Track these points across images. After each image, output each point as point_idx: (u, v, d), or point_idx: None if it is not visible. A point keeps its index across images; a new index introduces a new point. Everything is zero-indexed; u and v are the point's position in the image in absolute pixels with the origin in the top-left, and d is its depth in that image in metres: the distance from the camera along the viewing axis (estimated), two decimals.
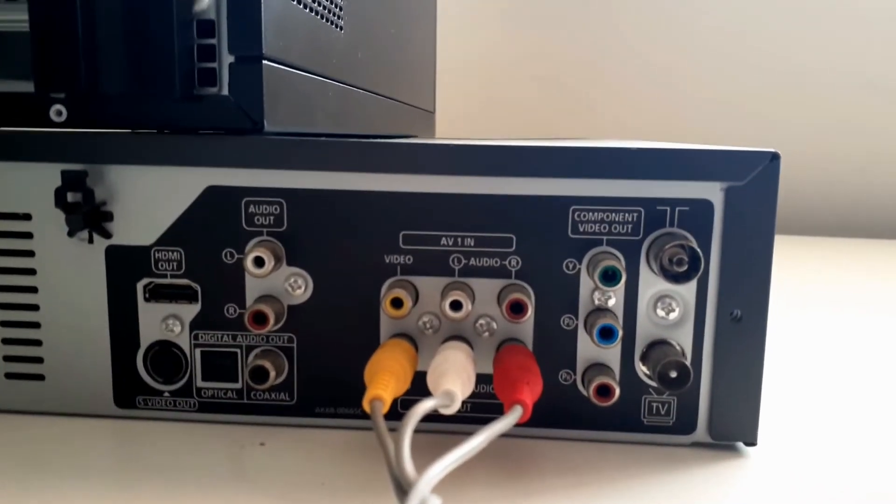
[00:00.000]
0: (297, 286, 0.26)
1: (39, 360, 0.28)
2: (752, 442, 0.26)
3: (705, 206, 0.25)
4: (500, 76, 0.91)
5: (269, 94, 0.26)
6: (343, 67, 0.37)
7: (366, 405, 0.21)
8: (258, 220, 0.26)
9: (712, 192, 0.25)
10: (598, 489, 0.23)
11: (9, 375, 0.28)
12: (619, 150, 0.25)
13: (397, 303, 0.25)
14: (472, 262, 0.26)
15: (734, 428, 0.26)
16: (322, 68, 0.33)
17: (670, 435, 0.26)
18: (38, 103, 0.26)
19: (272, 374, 0.26)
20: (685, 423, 0.26)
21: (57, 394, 0.28)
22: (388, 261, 0.26)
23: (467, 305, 0.25)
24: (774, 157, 0.24)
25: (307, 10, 0.30)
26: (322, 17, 0.33)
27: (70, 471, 0.24)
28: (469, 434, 0.19)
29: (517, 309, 0.25)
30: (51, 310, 0.27)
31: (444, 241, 0.26)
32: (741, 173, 0.25)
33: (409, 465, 0.16)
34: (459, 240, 0.26)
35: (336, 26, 0.35)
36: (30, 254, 0.27)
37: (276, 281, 0.26)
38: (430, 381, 0.22)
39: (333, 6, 0.34)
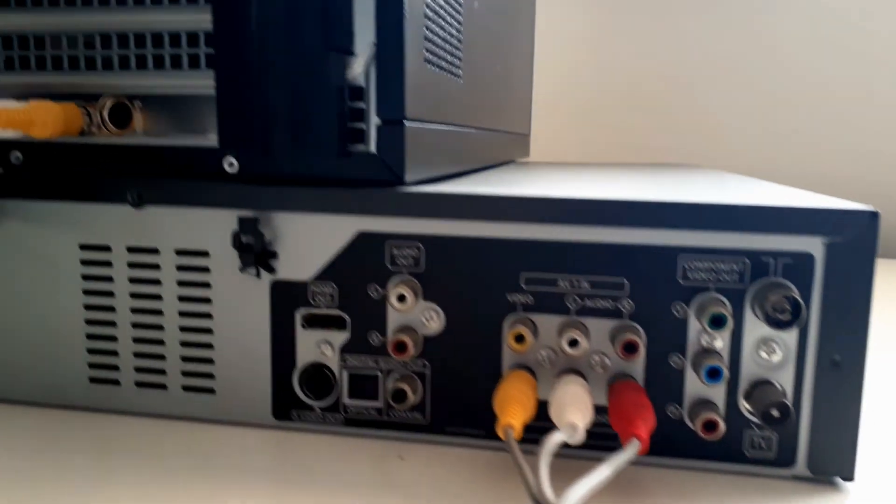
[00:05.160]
0: (431, 319, 0.30)
1: (211, 376, 0.33)
2: (849, 477, 0.28)
3: (807, 259, 0.27)
4: (593, 96, 0.94)
5: (409, 150, 0.30)
6: (460, 112, 0.41)
7: (500, 432, 0.24)
8: (400, 261, 0.30)
9: (814, 245, 0.27)
10: None
11: (185, 388, 0.33)
12: (726, 207, 0.27)
13: (520, 338, 0.28)
14: (587, 303, 0.29)
15: (832, 463, 0.28)
16: (444, 116, 0.37)
17: (771, 468, 0.29)
18: (214, 156, 0.31)
19: (410, 396, 0.30)
20: (785, 457, 0.28)
21: (224, 406, 0.33)
22: (510, 299, 0.29)
23: (584, 343, 0.28)
24: (873, 216, 0.26)
25: (436, 69, 0.34)
26: (446, 71, 0.37)
27: (234, 471, 0.28)
28: (585, 458, 0.22)
29: (630, 349, 0.28)
30: (222, 333, 0.32)
31: (561, 283, 0.29)
32: (841, 229, 0.27)
33: (549, 490, 0.20)
34: (576, 282, 0.29)
35: (456, 76, 0.39)
36: (206, 285, 0.32)
37: (413, 314, 0.30)
38: (554, 413, 0.26)
39: (455, 59, 0.38)
